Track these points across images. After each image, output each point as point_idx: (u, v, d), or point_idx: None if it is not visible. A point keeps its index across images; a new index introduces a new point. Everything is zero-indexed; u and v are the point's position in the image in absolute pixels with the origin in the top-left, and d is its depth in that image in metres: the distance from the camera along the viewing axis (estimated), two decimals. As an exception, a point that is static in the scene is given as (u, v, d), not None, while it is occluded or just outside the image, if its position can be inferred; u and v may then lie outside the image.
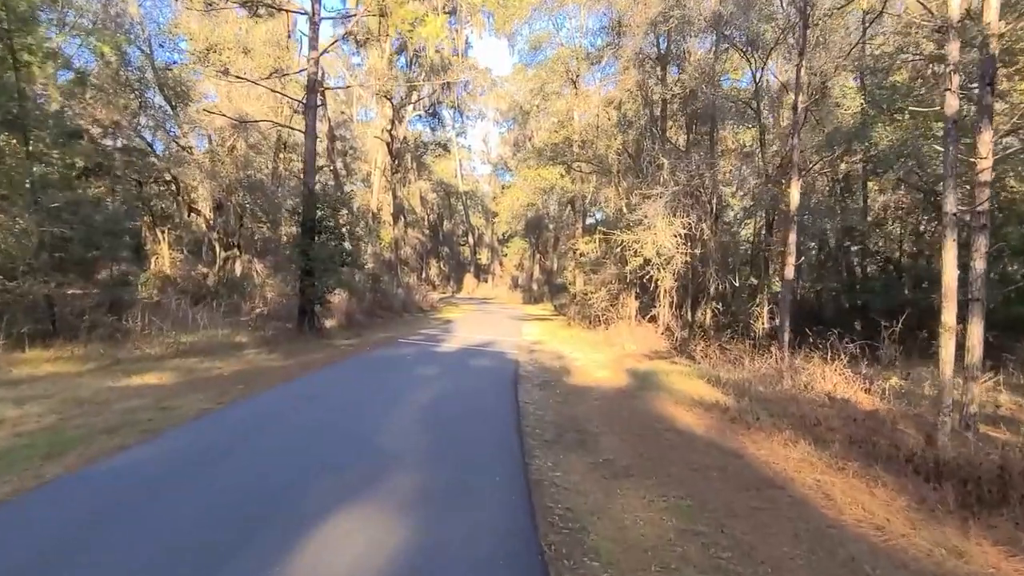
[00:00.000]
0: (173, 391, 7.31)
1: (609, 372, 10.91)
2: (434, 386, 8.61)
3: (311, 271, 13.83)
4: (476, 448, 5.44)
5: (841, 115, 14.22)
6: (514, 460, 5.07)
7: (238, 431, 5.57)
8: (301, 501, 3.86)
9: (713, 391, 8.83)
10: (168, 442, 5.11)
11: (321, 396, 7.51)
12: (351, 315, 20.64)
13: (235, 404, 6.72)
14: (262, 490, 4.04)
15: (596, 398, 8.32)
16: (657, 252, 12.94)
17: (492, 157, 59.65)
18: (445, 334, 17.46)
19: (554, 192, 18.38)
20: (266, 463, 4.67)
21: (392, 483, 4.34)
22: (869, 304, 13.39)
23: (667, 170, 13.48)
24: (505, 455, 5.24)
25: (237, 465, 4.57)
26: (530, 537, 3.48)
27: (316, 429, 5.78)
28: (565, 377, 10.23)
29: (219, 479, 4.22)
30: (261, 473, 4.42)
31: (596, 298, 18.22)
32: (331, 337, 14.66)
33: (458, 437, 5.78)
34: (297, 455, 4.90)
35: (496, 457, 5.19)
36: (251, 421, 5.98)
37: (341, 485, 4.23)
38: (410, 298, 30.58)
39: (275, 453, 4.94)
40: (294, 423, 5.97)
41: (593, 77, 26.62)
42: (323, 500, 3.89)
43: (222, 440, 5.24)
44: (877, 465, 5.02)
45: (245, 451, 4.95)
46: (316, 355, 11.52)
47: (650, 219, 13.11)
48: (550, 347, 15.37)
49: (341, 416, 6.43)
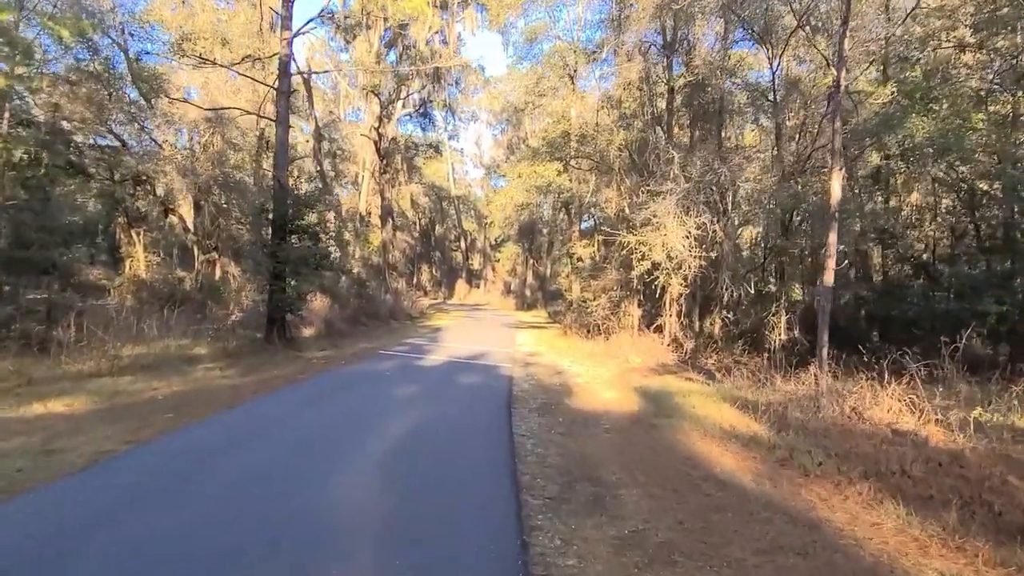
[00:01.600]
0: (79, 423, 5.80)
1: (617, 392, 9.48)
2: (410, 415, 7.14)
3: (281, 275, 12.34)
4: (456, 518, 3.98)
5: (870, 105, 12.92)
6: (507, 538, 3.62)
7: (126, 493, 4.03)
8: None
9: (744, 418, 7.42)
10: (14, 514, 3.61)
11: (263, 431, 6.01)
12: (331, 323, 19.15)
13: (148, 444, 5.22)
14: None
15: (607, 428, 6.89)
16: (667, 255, 11.56)
17: (485, 160, 58.39)
18: (432, 344, 15.99)
19: (551, 191, 17.05)
20: (136, 560, 3.16)
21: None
22: (902, 314, 12.04)
23: (677, 164, 12.13)
24: (496, 527, 3.80)
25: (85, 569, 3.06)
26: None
27: (239, 487, 4.28)
28: (567, 399, 8.79)
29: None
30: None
31: (596, 306, 16.81)
32: (304, 348, 13.16)
33: (434, 496, 4.32)
34: (192, 540, 3.39)
35: (483, 530, 3.74)
36: (154, 474, 4.47)
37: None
38: (398, 304, 29.05)
39: (157, 539, 3.38)
40: (212, 478, 4.43)
41: (591, 73, 25.38)
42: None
43: (96, 509, 3.71)
44: (1018, 545, 3.60)
45: (112, 536, 3.40)
46: (280, 371, 10.03)
47: (659, 219, 11.73)
48: (547, 359, 13.94)
49: (280, 465, 4.91)
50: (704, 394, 9.20)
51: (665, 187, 11.66)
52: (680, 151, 12.49)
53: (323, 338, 16.87)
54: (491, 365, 12.21)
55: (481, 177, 61.09)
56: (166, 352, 10.79)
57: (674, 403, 8.45)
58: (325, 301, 22.03)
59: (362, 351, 13.79)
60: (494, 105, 47.66)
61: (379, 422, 6.61)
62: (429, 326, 24.17)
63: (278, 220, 12.38)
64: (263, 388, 8.24)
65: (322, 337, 17.11)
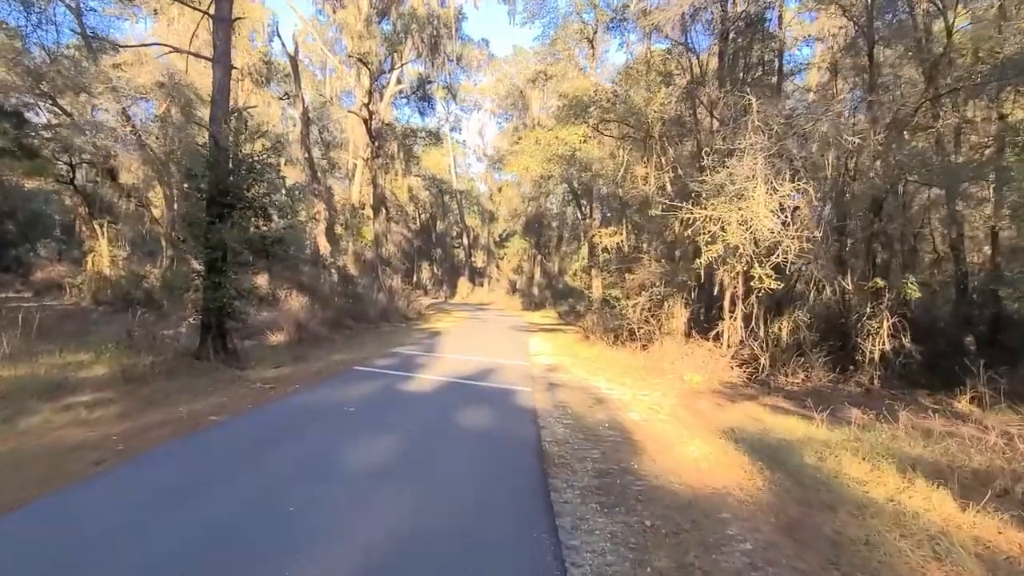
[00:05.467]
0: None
1: (704, 442, 6.10)
2: (369, 525, 3.79)
3: (217, 265, 9.03)
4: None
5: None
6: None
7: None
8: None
9: (989, 521, 4.05)
10: None
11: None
12: (306, 327, 15.81)
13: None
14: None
15: (747, 549, 3.54)
16: (752, 236, 8.19)
17: (488, 151, 54.98)
18: (427, 355, 12.65)
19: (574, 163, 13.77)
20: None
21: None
22: None
23: (756, 114, 8.77)
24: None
25: None
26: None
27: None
28: (632, 459, 5.44)
29: None
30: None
31: (630, 306, 13.45)
32: (251, 364, 9.82)
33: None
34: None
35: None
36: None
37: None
38: (392, 304, 25.73)
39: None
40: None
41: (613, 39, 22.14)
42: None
43: None
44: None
45: None
46: (190, 406, 6.69)
47: (737, 186, 8.36)
48: (575, 377, 10.60)
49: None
50: (843, 446, 5.81)
51: (748, 141, 8.29)
52: (757, 96, 9.10)
53: (292, 346, 13.55)
54: (503, 389, 8.87)
55: (484, 170, 57.76)
56: (33, 375, 7.46)
57: (815, 472, 5.09)
58: (303, 300, 18.75)
59: (333, 366, 10.45)
60: (499, 89, 44.28)
61: (289, 560, 3.25)
62: (427, 329, 20.83)
63: (214, 191, 9.05)
64: (127, 451, 4.89)
65: (292, 345, 13.79)
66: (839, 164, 10.18)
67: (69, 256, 31.96)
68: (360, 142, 29.55)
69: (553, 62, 22.12)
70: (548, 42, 21.12)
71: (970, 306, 12.56)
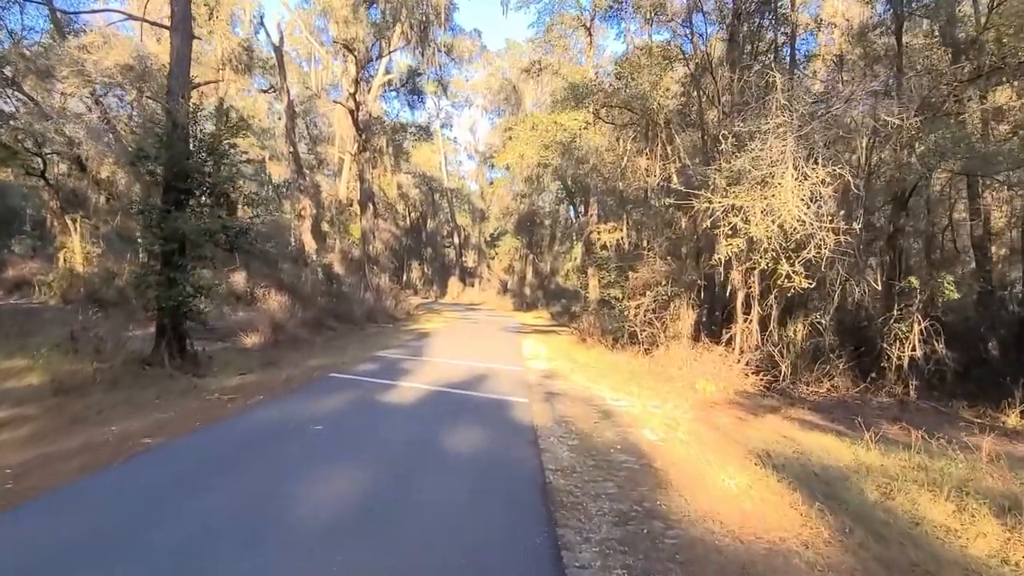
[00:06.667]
0: None
1: (739, 470, 5.09)
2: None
3: (171, 259, 7.93)
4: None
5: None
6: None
7: None
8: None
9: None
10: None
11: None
12: (283, 328, 14.70)
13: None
14: None
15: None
16: (780, 227, 7.20)
17: (480, 148, 53.84)
18: (413, 359, 11.60)
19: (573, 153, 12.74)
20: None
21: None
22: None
23: (781, 92, 7.81)
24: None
25: None
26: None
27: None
28: (657, 495, 4.42)
29: None
30: None
31: (632, 308, 12.47)
32: (213, 370, 8.72)
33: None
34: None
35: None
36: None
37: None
38: (379, 304, 24.61)
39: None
40: None
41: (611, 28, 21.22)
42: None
43: None
44: None
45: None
46: (121, 426, 5.60)
47: (762, 170, 7.38)
48: (575, 385, 9.59)
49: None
50: (908, 476, 4.84)
51: (775, 119, 7.30)
52: (783, 74, 8.13)
53: (266, 350, 12.44)
54: (497, 400, 7.84)
55: (476, 168, 56.57)
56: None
57: (886, 515, 4.10)
58: (282, 299, 17.61)
59: (306, 373, 9.37)
60: (491, 83, 43.23)
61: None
62: (415, 330, 19.76)
63: (169, 174, 7.95)
64: (9, 495, 3.81)
65: (266, 348, 12.68)
66: (867, 151, 9.23)
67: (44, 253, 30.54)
68: (347, 135, 28.41)
69: (549, 50, 21.14)
70: (543, 30, 20.12)
71: (996, 308, 11.70)
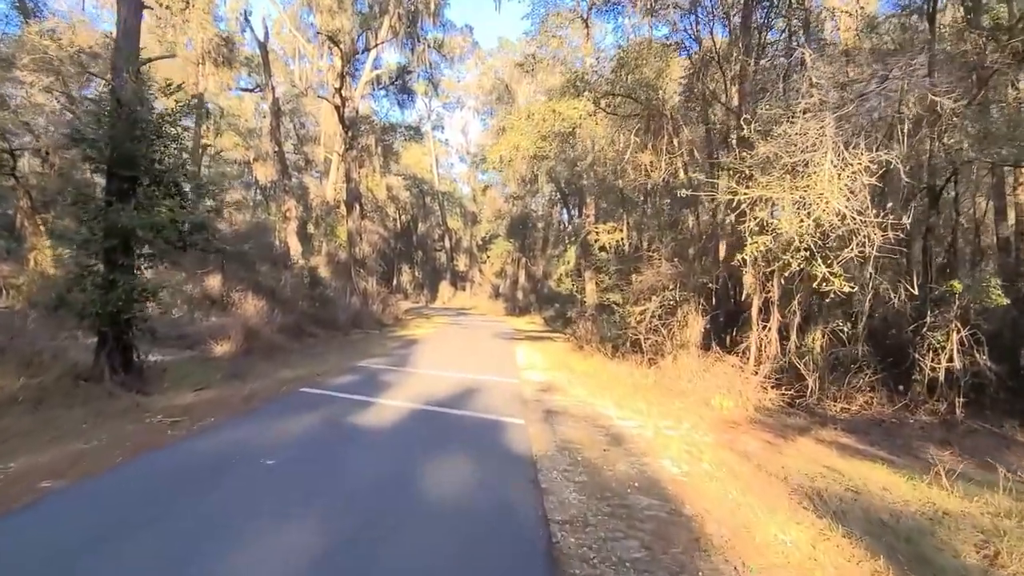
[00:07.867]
0: None
1: (793, 520, 4.09)
2: None
3: (113, 257, 6.85)
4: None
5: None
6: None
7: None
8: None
9: None
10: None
11: None
12: (258, 335, 13.59)
13: None
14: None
15: None
16: (815, 222, 6.23)
17: (472, 149, 52.81)
18: (397, 370, 10.53)
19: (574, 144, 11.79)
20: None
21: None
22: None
23: (812, 68, 6.86)
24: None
25: None
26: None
27: None
28: (694, 560, 3.41)
29: None
30: None
31: (636, 314, 11.49)
32: (163, 386, 7.62)
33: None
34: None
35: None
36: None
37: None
38: (366, 309, 23.50)
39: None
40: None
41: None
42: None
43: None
44: None
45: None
46: (27, 460, 4.50)
47: (795, 158, 6.42)
48: (577, 401, 8.56)
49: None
50: (1012, 531, 3.86)
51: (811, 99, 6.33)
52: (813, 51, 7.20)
53: (236, 359, 11.34)
54: (489, 422, 6.80)
55: (467, 170, 55.53)
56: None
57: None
58: (259, 304, 16.48)
59: (273, 388, 8.28)
60: (483, 82, 42.28)
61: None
62: (402, 337, 18.70)
63: (111, 160, 6.87)
64: None
65: (236, 357, 11.58)
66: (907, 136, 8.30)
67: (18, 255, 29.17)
68: (333, 133, 27.34)
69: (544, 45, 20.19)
70: (537, 23, 19.18)
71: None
